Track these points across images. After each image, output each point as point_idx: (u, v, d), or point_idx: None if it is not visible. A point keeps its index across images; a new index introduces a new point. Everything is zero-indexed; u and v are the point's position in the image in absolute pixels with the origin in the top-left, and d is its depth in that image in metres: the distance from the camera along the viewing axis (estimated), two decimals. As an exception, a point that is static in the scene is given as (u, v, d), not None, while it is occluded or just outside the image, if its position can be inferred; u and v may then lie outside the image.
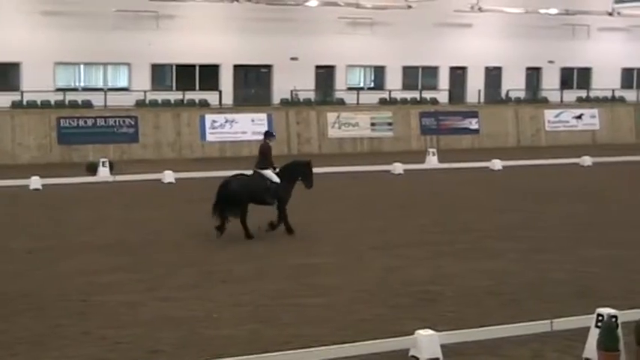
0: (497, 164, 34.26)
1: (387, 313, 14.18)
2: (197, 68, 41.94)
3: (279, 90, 42.37)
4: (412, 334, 12.12)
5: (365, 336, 12.50)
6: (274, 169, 20.66)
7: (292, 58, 42.43)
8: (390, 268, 17.39)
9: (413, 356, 11.95)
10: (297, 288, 15.73)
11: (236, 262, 17.81)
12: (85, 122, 37.02)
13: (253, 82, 43.82)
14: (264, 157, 20.67)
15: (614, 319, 11.84)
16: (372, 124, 41.36)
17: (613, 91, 48.25)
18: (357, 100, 42.53)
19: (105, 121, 37.23)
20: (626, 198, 27.25)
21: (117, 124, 37.32)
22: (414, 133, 42.00)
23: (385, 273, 16.97)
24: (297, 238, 20.39)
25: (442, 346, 12.00)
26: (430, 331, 12.12)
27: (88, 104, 38.50)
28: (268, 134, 21.53)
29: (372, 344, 11.96)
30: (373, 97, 43.43)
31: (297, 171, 21.01)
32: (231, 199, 19.94)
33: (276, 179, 20.43)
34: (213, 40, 41.12)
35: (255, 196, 20.23)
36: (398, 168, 32.97)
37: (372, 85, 45.87)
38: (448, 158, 35.51)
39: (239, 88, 42.88)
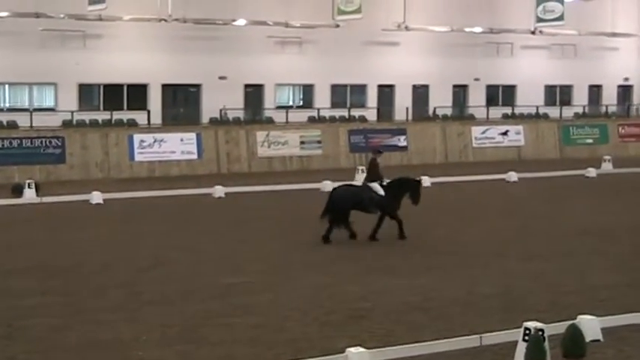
0: (425, 181, 34.45)
1: (318, 331, 14.15)
2: (125, 88, 41.58)
3: (208, 109, 42.21)
4: (343, 351, 12.10)
5: (296, 355, 12.46)
6: (381, 182, 22.05)
7: (221, 77, 42.33)
8: (320, 285, 17.37)
9: (344, 374, 11.95)
10: (227, 307, 15.60)
11: (164, 282, 17.60)
12: (11, 143, 36.34)
13: (182, 102, 43.60)
14: (372, 172, 22.32)
15: (540, 333, 11.98)
16: (302, 143, 41.37)
17: (537, 107, 49.06)
18: (286, 118, 42.56)
19: (31, 142, 36.57)
20: (551, 212, 27.66)
21: (43, 144, 36.70)
22: (343, 151, 42.11)
23: (315, 290, 16.94)
24: (226, 257, 20.27)
25: (371, 364, 12.02)
26: (360, 349, 12.12)
27: (13, 125, 37.81)
28: (375, 151, 23.33)
29: (301, 363, 11.92)
30: (302, 116, 43.51)
31: (406, 186, 22.40)
32: (338, 204, 21.70)
33: (381, 192, 21.89)
34: (141, 60, 40.84)
35: (359, 203, 21.82)
36: (327, 186, 32.91)
37: (301, 103, 45.98)
38: (377, 175, 35.61)
39: (168, 107, 42.62)
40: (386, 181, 22.31)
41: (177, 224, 25.18)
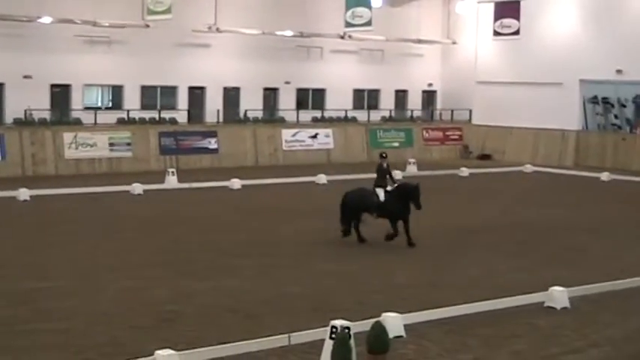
0: (236, 183, 34.75)
1: (127, 335, 14.12)
2: None
3: (12, 109, 40.79)
4: (152, 354, 12.16)
5: None
6: (384, 187, 22.99)
7: (25, 77, 41.03)
8: (130, 289, 17.30)
9: (153, 377, 12.02)
10: (31, 313, 15.30)
11: (-35, 289, 17.08)
12: None
13: (-17, 102, 41.99)
14: (377, 176, 23.34)
15: (346, 331, 12.41)
16: (111, 145, 40.73)
17: (346, 111, 50.21)
18: (95, 119, 41.74)
19: None
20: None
21: None
22: (153, 153, 41.75)
23: (124, 294, 16.86)
24: (31, 261, 19.81)
25: (182, 366, 12.15)
26: (169, 351, 12.22)
27: None
28: (380, 155, 24.07)
29: (110, 367, 11.90)
30: (111, 117, 42.78)
31: (405, 192, 22.82)
32: (348, 207, 22.93)
33: (382, 197, 22.77)
34: (-62, 57, 39.09)
35: (366, 207, 22.82)
36: (137, 188, 32.71)
37: (110, 104, 45.21)
38: (188, 178, 35.63)
39: (-32, 107, 40.98)
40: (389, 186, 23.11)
41: (-22, 229, 24.38)
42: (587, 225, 27.03)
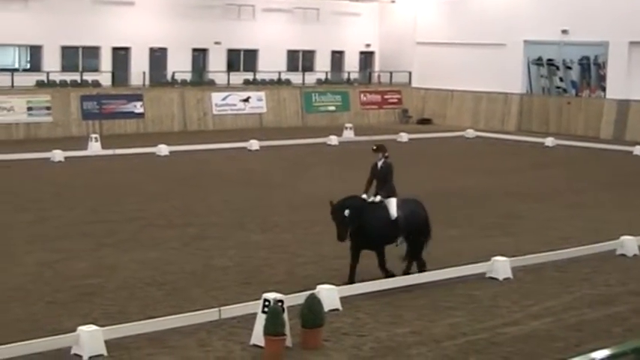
0: (163, 150, 34.49)
1: (46, 311, 13.99)
2: None
3: None
4: (74, 330, 12.07)
5: (22, 336, 12.27)
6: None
7: None
8: (47, 262, 17.10)
9: (75, 354, 11.91)
10: (-57, 289, 15.11)
11: None
12: None
13: None
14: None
15: (280, 304, 12.44)
16: (29, 109, 40.11)
17: (279, 73, 50.01)
18: (12, 82, 41.02)
19: None
20: (291, 181, 28.48)
21: None
22: (74, 118, 41.19)
23: (41, 268, 16.67)
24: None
25: (106, 342, 12.06)
26: (93, 327, 12.13)
27: None
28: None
29: (29, 344, 11.78)
30: (29, 80, 42.06)
31: None
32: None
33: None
34: None
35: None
36: (58, 155, 32.31)
37: (28, 66, 44.48)
38: (112, 144, 35.27)
39: None
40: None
41: None
42: (528, 192, 27.41)
